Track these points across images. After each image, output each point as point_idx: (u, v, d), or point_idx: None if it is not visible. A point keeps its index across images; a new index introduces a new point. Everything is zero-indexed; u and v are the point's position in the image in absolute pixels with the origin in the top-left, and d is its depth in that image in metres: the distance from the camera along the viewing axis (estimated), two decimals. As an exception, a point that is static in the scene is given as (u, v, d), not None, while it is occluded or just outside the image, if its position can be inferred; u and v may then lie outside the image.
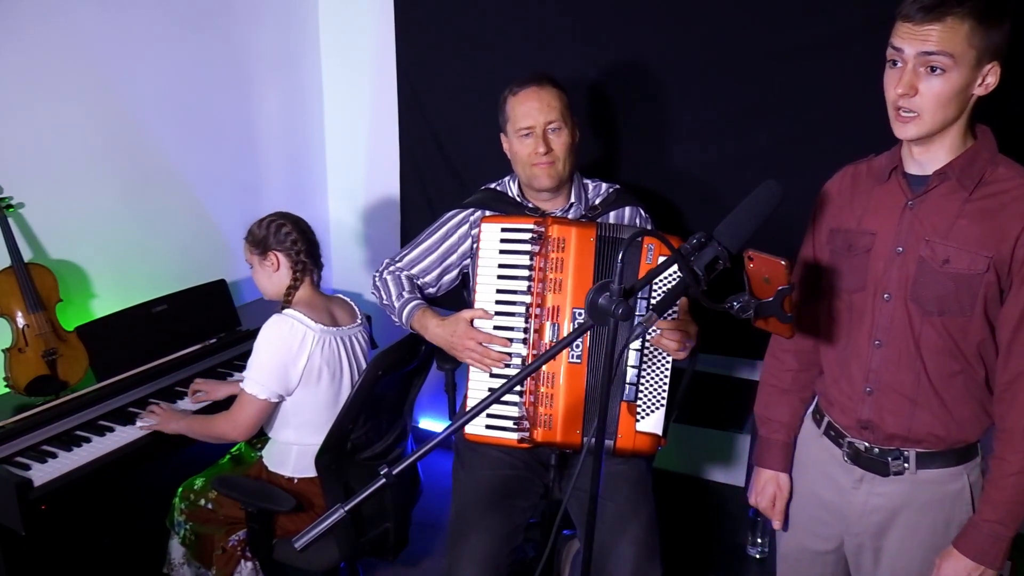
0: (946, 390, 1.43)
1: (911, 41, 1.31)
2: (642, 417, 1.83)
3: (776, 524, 1.72)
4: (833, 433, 1.57)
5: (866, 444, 1.51)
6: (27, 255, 2.18)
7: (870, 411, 1.49)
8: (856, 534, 1.55)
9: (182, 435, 2.06)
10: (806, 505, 1.66)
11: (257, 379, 1.94)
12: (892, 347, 1.45)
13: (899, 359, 1.45)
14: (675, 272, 1.73)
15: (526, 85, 1.96)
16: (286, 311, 1.99)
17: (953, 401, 1.43)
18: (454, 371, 2.24)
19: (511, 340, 1.87)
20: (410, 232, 3.04)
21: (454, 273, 2.11)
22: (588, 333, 1.82)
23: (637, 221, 2.05)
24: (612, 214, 2.03)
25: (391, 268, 2.11)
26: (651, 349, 1.83)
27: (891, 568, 1.52)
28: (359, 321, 2.15)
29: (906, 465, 1.47)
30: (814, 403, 1.67)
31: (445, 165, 2.91)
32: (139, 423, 2.09)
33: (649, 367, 1.84)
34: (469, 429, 1.87)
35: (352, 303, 2.19)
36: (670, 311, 1.83)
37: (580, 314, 1.82)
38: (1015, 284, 1.34)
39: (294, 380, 1.97)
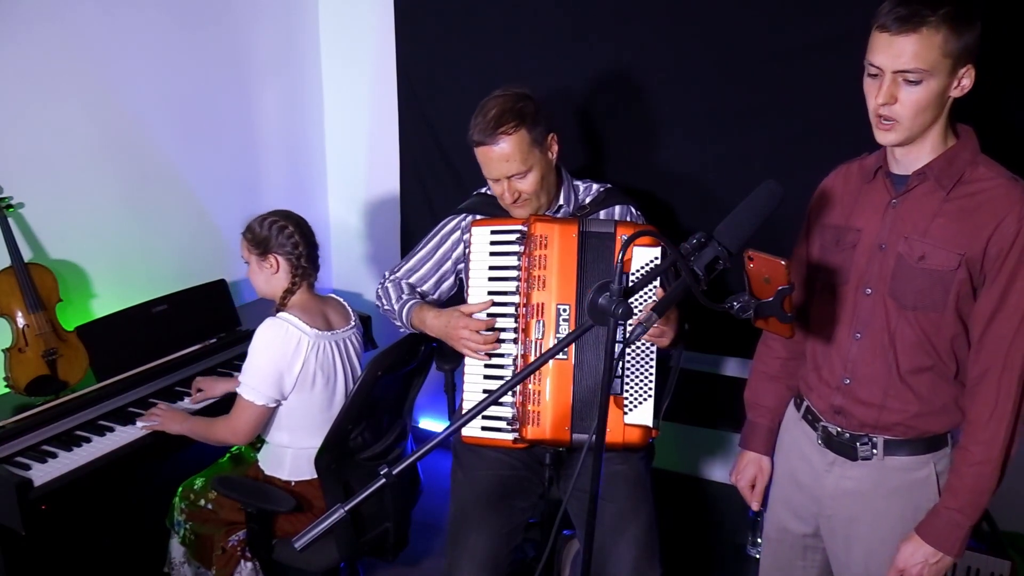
0: (916, 384, 1.48)
1: (887, 56, 1.36)
2: (629, 409, 1.82)
3: (754, 505, 1.80)
4: (810, 417, 1.63)
5: (838, 428, 1.56)
6: (27, 255, 2.18)
7: (844, 399, 1.55)
8: (828, 517, 1.61)
9: (182, 436, 2.05)
10: (786, 486, 1.72)
11: (253, 385, 1.93)
12: (868, 339, 1.51)
13: (874, 351, 1.50)
14: (649, 262, 1.74)
15: (481, 141, 1.85)
16: (281, 315, 1.97)
17: (923, 393, 1.48)
18: (454, 371, 2.24)
19: (503, 340, 1.88)
20: (410, 232, 3.04)
21: (451, 280, 2.12)
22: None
23: (628, 219, 2.05)
24: (602, 213, 2.03)
25: (391, 279, 2.12)
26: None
27: (861, 553, 1.57)
28: (352, 323, 2.13)
29: (874, 451, 1.53)
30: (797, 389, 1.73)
31: (445, 165, 2.91)
32: (140, 423, 2.08)
33: (632, 359, 1.83)
34: (465, 431, 1.87)
35: (346, 304, 2.18)
36: (644, 291, 1.80)
37: (564, 310, 1.83)
38: (987, 282, 1.39)
39: (288, 385, 1.96)
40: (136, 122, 2.48)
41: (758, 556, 2.64)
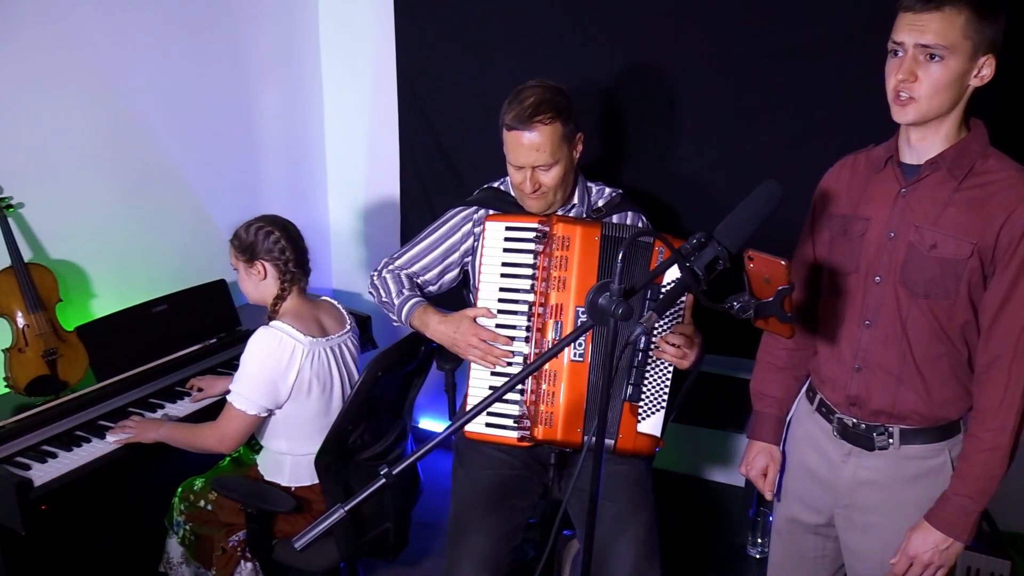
0: (930, 370, 1.50)
1: (910, 32, 1.38)
2: (643, 418, 1.83)
3: (768, 495, 1.80)
4: (824, 409, 1.65)
5: (854, 420, 1.58)
6: (27, 255, 2.18)
7: (858, 387, 1.56)
8: (845, 507, 1.63)
9: (163, 442, 2.01)
10: (799, 478, 1.73)
11: (245, 394, 1.91)
12: (880, 327, 1.53)
13: (886, 339, 1.52)
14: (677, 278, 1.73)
15: (514, 126, 1.85)
16: (274, 323, 1.95)
17: (936, 380, 1.50)
18: (454, 371, 2.24)
19: (513, 338, 1.87)
20: (410, 232, 3.03)
21: (455, 272, 2.10)
22: (591, 332, 1.82)
23: (639, 226, 2.05)
24: (615, 217, 2.03)
25: (390, 267, 2.09)
26: (655, 350, 1.83)
27: (878, 541, 1.58)
28: (348, 327, 2.11)
29: (890, 440, 1.55)
30: (808, 381, 1.74)
31: (445, 165, 2.91)
32: (110, 437, 2.02)
33: (653, 368, 1.84)
34: (469, 427, 1.87)
35: (340, 307, 2.16)
36: (672, 311, 1.83)
37: (583, 312, 1.82)
38: (997, 271, 1.42)
39: (283, 395, 1.94)
40: (136, 122, 2.48)
41: (758, 556, 2.65)
